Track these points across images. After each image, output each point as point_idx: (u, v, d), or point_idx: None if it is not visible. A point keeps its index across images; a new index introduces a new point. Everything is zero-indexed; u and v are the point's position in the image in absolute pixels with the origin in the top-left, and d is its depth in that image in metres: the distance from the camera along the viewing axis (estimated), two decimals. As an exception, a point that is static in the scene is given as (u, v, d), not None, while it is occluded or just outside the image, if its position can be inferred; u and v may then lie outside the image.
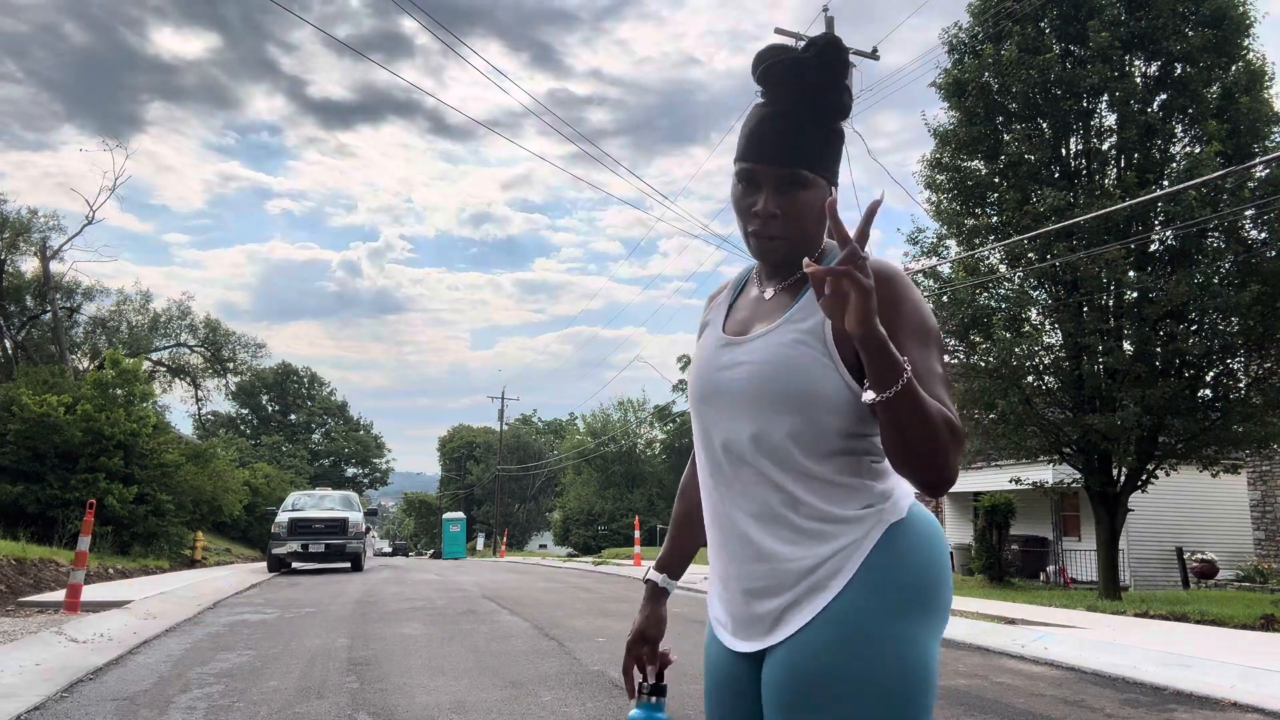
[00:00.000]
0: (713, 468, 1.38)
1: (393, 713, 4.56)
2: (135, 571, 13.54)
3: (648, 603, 1.57)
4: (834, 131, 1.35)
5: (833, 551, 1.27)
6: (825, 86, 1.32)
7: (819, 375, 1.28)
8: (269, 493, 31.43)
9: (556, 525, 56.13)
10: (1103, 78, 12.78)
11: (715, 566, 1.40)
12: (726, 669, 1.40)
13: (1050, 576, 20.47)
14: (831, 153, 1.36)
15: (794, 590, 1.28)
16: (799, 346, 1.29)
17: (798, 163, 1.32)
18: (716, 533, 1.38)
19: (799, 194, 1.33)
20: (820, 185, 1.34)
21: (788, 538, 1.28)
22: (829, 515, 1.28)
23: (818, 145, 1.33)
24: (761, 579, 1.30)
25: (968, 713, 4.73)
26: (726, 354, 1.39)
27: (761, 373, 1.31)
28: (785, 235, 1.34)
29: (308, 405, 64.85)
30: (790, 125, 1.32)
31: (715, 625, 1.43)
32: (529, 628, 8.11)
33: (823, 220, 1.35)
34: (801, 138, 1.32)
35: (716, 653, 1.43)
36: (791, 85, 1.32)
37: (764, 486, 1.31)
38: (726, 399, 1.35)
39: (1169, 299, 11.97)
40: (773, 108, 1.34)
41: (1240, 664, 5.72)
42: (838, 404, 1.27)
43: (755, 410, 1.31)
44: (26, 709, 4.42)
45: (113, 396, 17.88)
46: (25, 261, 29.73)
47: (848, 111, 1.36)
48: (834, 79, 1.32)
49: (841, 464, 1.29)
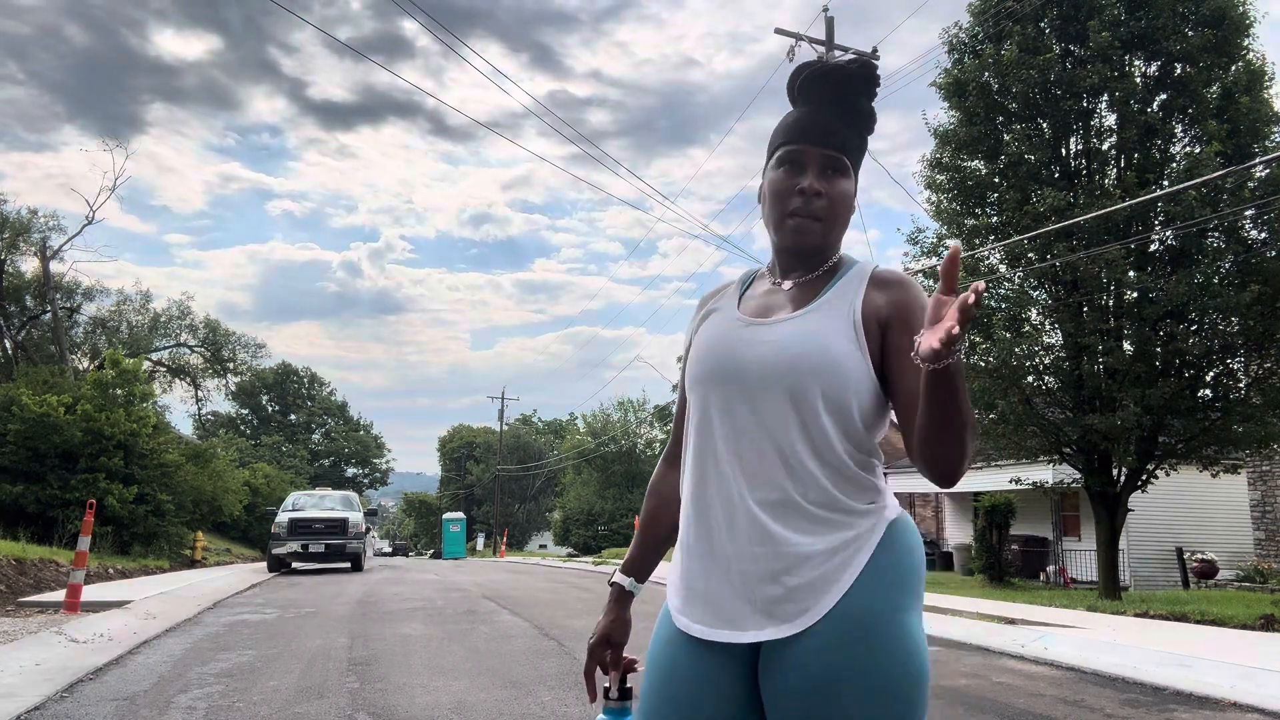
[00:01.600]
0: (716, 450, 1.36)
1: (393, 713, 4.56)
2: (135, 571, 13.54)
3: (613, 606, 1.54)
4: (862, 138, 1.45)
5: (842, 543, 1.29)
6: (861, 95, 1.43)
7: (852, 362, 1.32)
8: (269, 493, 31.42)
9: (556, 525, 56.08)
10: (1103, 78, 12.78)
11: (702, 552, 1.36)
12: (688, 662, 1.35)
13: (1050, 576, 20.46)
14: (859, 156, 1.46)
15: (799, 575, 1.27)
16: (834, 332, 1.33)
17: (841, 148, 1.41)
18: (711, 517, 1.35)
19: (839, 180, 1.41)
20: (853, 181, 1.43)
21: (799, 525, 1.30)
22: (839, 504, 1.31)
23: (853, 143, 1.43)
24: (766, 561, 1.29)
25: (968, 713, 4.73)
26: (750, 332, 1.39)
27: (794, 350, 1.33)
28: (826, 217, 1.40)
29: (308, 405, 64.84)
30: (834, 118, 1.42)
31: (680, 618, 1.38)
32: (529, 628, 8.11)
33: (849, 217, 1.45)
34: (844, 130, 1.42)
35: (675, 647, 1.37)
36: (833, 88, 1.43)
37: (779, 470, 1.31)
38: (751, 376, 1.35)
39: (1169, 299, 11.97)
40: (816, 105, 1.44)
41: (1240, 664, 5.72)
42: (863, 393, 1.32)
43: (783, 386, 1.32)
44: (26, 709, 4.42)
45: (113, 396, 17.87)
46: (25, 261, 29.75)
47: (873, 124, 1.46)
48: (868, 90, 1.44)
49: (856, 456, 1.33)
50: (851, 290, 1.37)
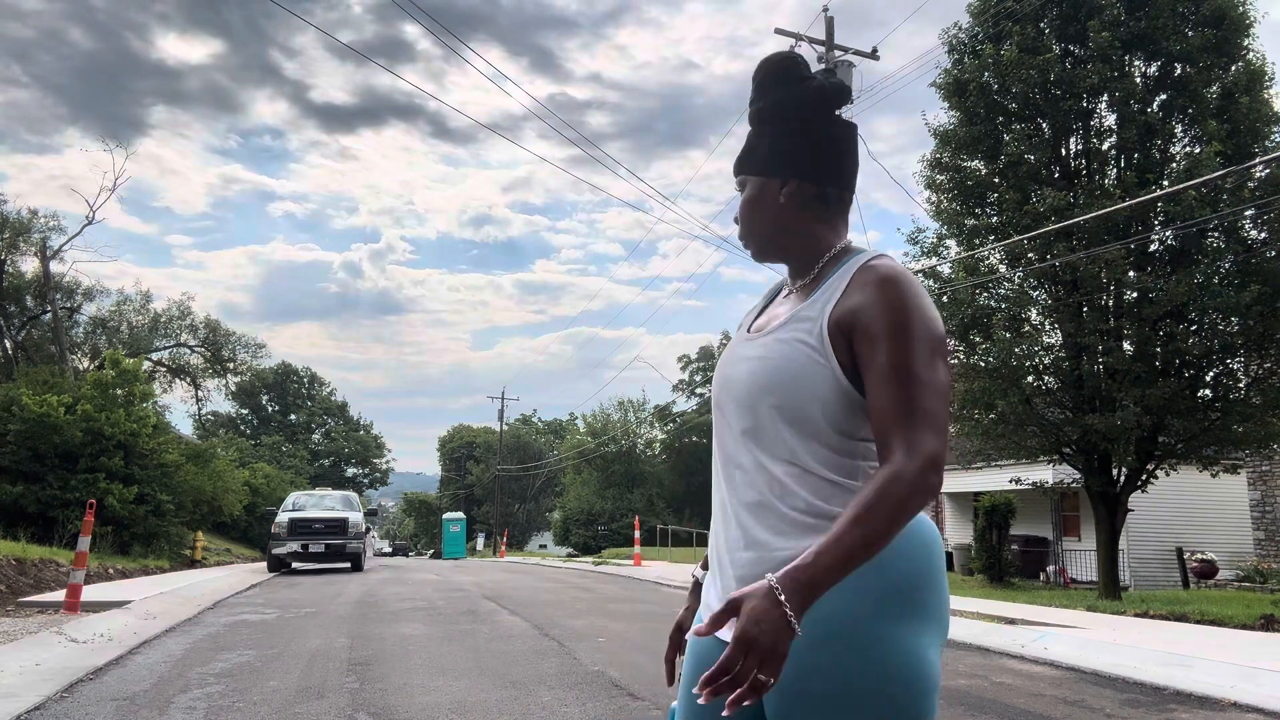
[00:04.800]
0: (721, 459, 1.46)
1: (393, 713, 4.56)
2: (135, 571, 13.53)
3: (689, 596, 1.66)
4: (796, 127, 1.43)
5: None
6: (777, 85, 1.45)
7: (810, 372, 1.33)
8: (269, 493, 31.42)
9: (556, 525, 56.03)
10: (1103, 78, 12.78)
11: (713, 556, 1.46)
12: (708, 658, 1.43)
13: (1050, 576, 20.46)
14: (795, 147, 1.43)
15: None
16: (795, 344, 1.36)
17: (740, 169, 1.49)
18: (718, 523, 1.45)
19: (744, 198, 1.49)
20: (765, 186, 1.45)
21: (776, 527, 1.33)
22: (816, 509, 1.31)
23: (767, 146, 1.45)
24: (749, 566, 1.34)
25: (968, 713, 4.73)
26: (740, 349, 1.47)
27: (760, 367, 1.39)
28: (745, 237, 1.50)
29: (308, 405, 64.85)
30: (749, 134, 1.49)
31: (702, 610, 1.50)
32: (529, 628, 8.11)
33: (778, 218, 1.44)
34: (751, 144, 1.48)
35: (699, 643, 1.47)
36: (753, 95, 1.48)
37: (760, 476, 1.37)
38: (734, 391, 1.43)
39: (1169, 299, 11.97)
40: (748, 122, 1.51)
41: (1240, 664, 5.72)
42: (828, 401, 1.33)
43: (753, 401, 1.38)
44: (26, 709, 4.42)
45: (113, 396, 17.86)
46: (25, 262, 29.74)
47: (808, 103, 1.43)
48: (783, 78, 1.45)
49: (834, 462, 1.33)
50: (829, 295, 1.36)
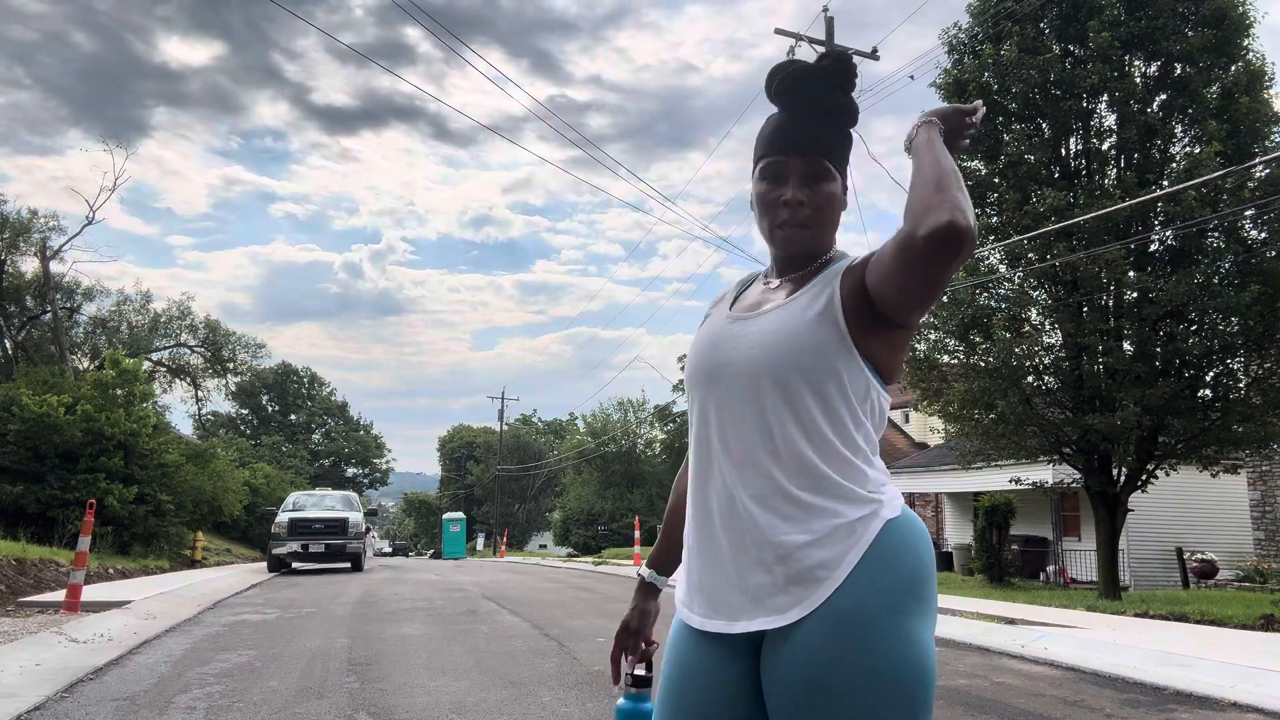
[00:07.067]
0: (711, 445, 1.40)
1: (393, 713, 4.56)
2: (135, 571, 13.53)
3: (636, 596, 1.65)
4: (845, 134, 1.46)
5: (832, 530, 1.29)
6: (839, 90, 1.44)
7: (833, 348, 1.33)
8: (269, 493, 31.43)
9: (556, 525, 55.99)
10: (1102, 78, 12.78)
11: (703, 546, 1.39)
12: (694, 655, 1.38)
13: (1050, 576, 20.45)
14: (844, 153, 1.46)
15: (789, 565, 1.28)
16: (814, 319, 1.35)
17: (820, 153, 1.42)
18: (711, 511, 1.38)
19: (822, 185, 1.42)
20: (837, 181, 1.44)
21: (788, 513, 1.31)
22: (830, 487, 1.31)
23: (834, 142, 1.44)
24: (757, 550, 1.31)
25: (968, 713, 4.73)
26: (737, 328, 1.44)
27: (775, 339, 1.36)
28: (812, 224, 1.42)
29: (308, 405, 64.84)
30: (810, 123, 1.43)
31: (683, 609, 1.43)
32: (529, 628, 8.11)
33: (839, 216, 1.46)
34: (821, 134, 1.43)
35: (684, 641, 1.41)
36: (808, 90, 1.43)
37: (766, 459, 1.33)
38: (736, 369, 1.39)
39: (1169, 299, 11.97)
40: (791, 111, 1.45)
41: (1240, 664, 5.71)
42: (844, 380, 1.33)
43: (767, 376, 1.35)
44: (26, 709, 4.42)
45: (113, 396, 17.86)
46: (25, 262, 29.71)
47: (856, 117, 1.46)
48: (844, 85, 1.44)
49: (845, 440, 1.33)
50: (833, 277, 1.39)
